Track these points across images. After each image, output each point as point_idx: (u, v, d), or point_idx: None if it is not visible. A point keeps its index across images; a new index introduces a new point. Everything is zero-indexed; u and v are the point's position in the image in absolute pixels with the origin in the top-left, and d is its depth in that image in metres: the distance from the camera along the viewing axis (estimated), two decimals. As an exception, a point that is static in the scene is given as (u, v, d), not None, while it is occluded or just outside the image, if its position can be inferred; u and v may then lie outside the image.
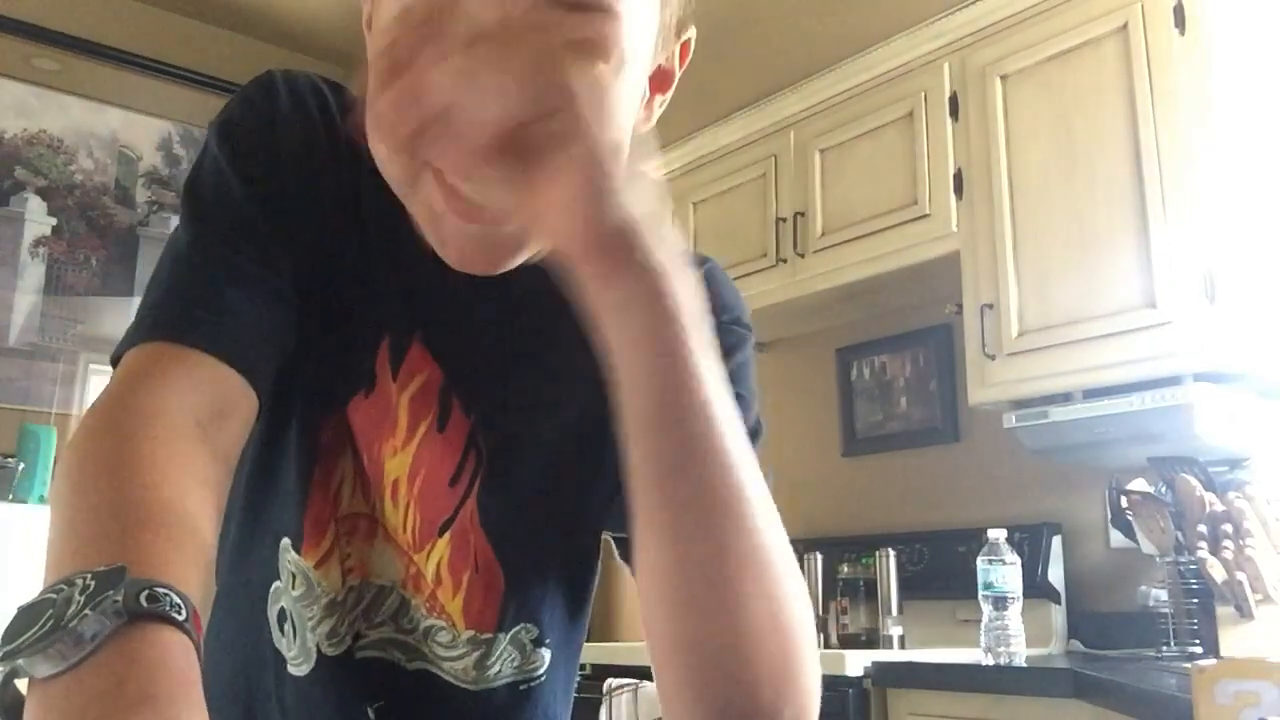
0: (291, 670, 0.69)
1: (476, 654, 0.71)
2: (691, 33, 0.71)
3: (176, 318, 0.59)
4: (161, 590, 0.44)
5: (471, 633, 0.71)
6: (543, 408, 0.71)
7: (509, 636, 0.72)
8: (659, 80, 0.69)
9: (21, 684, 0.43)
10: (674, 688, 0.56)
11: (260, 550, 0.70)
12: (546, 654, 0.74)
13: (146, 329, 0.59)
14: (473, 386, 0.69)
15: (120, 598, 0.42)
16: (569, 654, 0.79)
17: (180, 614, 0.44)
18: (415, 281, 0.67)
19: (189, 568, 0.47)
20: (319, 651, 0.68)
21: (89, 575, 0.43)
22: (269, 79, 0.68)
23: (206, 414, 0.55)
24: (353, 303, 0.67)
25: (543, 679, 0.75)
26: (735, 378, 0.69)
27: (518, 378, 0.69)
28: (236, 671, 0.71)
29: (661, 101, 0.70)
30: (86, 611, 0.41)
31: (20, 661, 0.41)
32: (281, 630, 0.69)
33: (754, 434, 0.72)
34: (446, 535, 0.69)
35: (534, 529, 0.71)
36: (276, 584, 0.69)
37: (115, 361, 0.59)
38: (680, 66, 0.71)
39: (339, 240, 0.66)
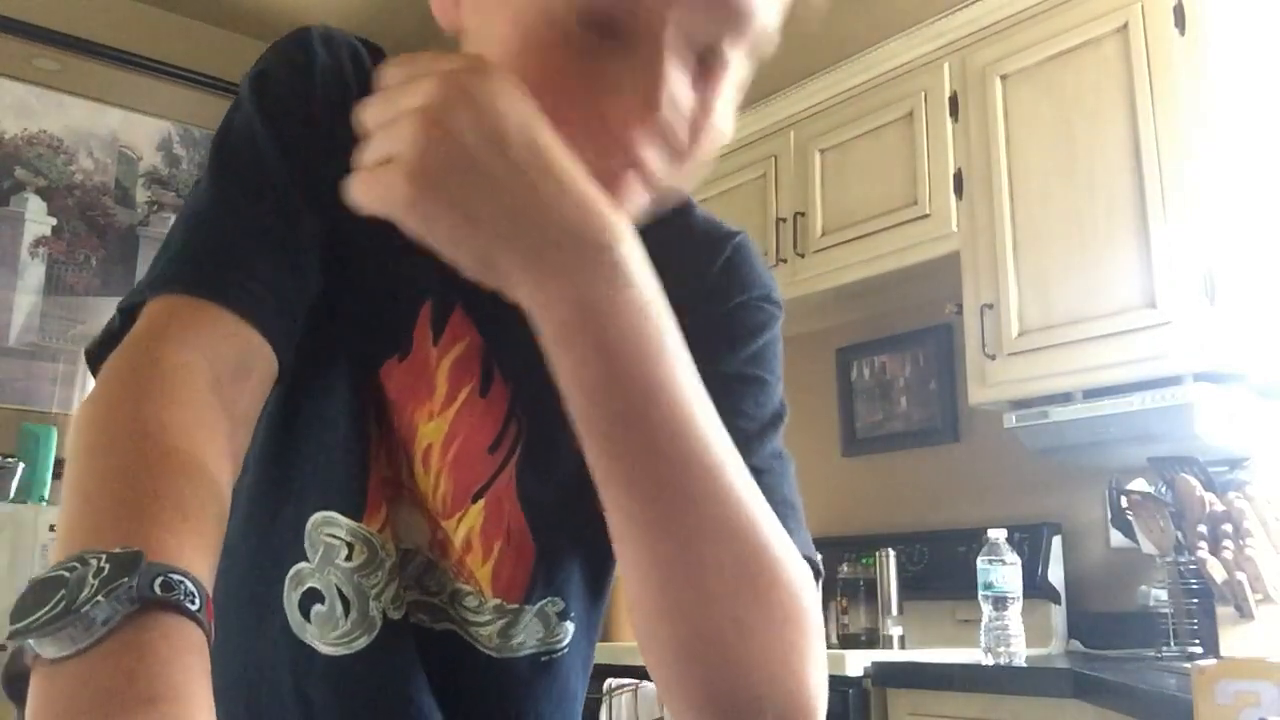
0: (331, 651, 0.66)
1: (502, 622, 0.70)
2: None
3: (202, 273, 0.57)
4: (176, 578, 0.43)
5: (498, 601, 0.70)
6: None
7: (535, 609, 0.71)
8: None
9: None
10: (662, 683, 0.56)
11: (275, 535, 0.67)
12: (570, 627, 0.73)
13: (169, 280, 0.57)
14: (515, 354, 0.66)
15: (135, 583, 0.41)
16: (590, 629, 0.77)
17: (194, 603, 0.43)
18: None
19: (205, 551, 0.46)
20: (384, 618, 0.66)
21: (104, 556, 0.42)
22: (306, 35, 0.66)
23: (228, 374, 0.54)
24: (390, 268, 0.65)
25: (565, 651, 0.73)
26: (759, 358, 0.72)
27: None
28: (237, 675, 0.68)
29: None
30: (99, 597, 0.40)
31: (30, 640, 0.40)
32: (308, 616, 0.66)
33: (777, 418, 0.72)
34: (481, 502, 0.68)
35: (569, 503, 0.69)
36: (298, 566, 0.66)
37: (129, 310, 0.57)
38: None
39: (364, 232, 0.63)
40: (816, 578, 0.65)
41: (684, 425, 0.51)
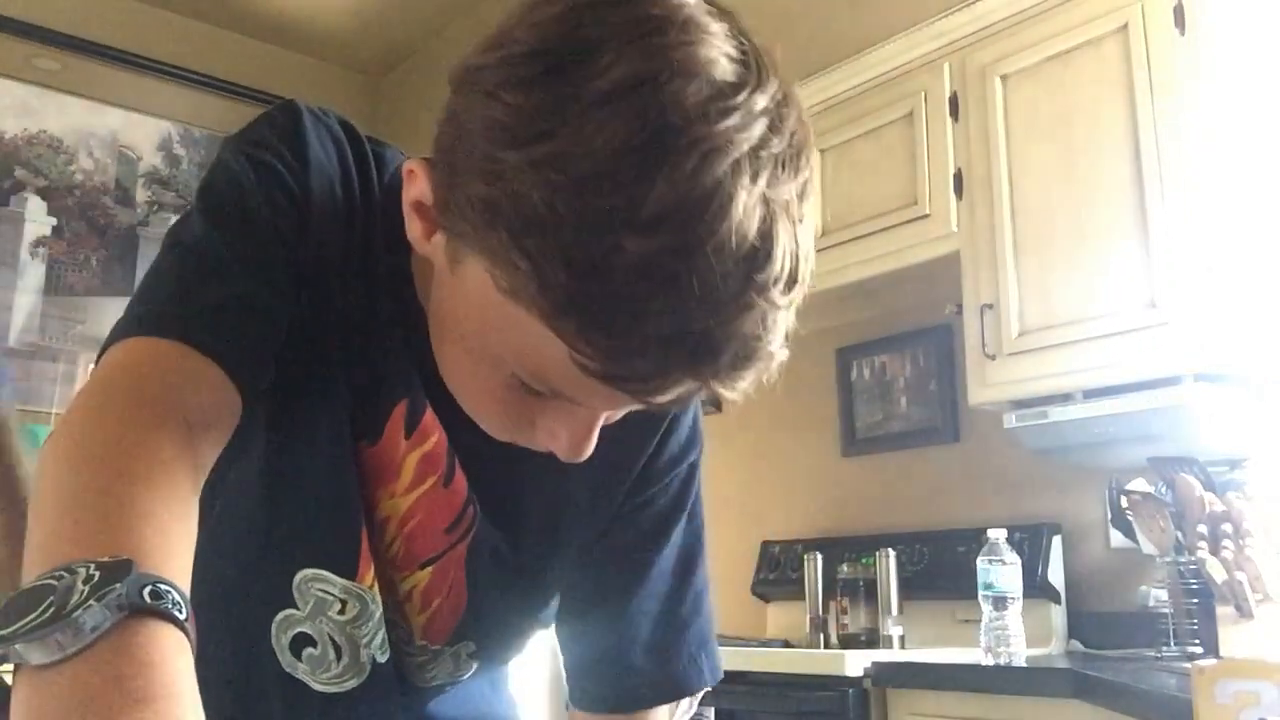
0: (323, 689, 0.74)
1: (421, 659, 0.79)
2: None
3: (185, 316, 0.60)
4: (164, 586, 0.44)
5: (424, 643, 0.79)
6: (536, 490, 0.78)
7: (450, 650, 0.80)
8: None
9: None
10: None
11: (261, 581, 0.74)
12: (475, 664, 0.83)
13: (153, 321, 0.60)
14: (477, 456, 0.74)
15: (125, 590, 0.42)
16: (503, 662, 0.91)
17: (180, 612, 0.44)
18: (428, 354, 0.69)
19: (183, 565, 0.49)
20: (373, 662, 0.74)
21: (93, 565, 0.43)
22: (297, 113, 0.70)
23: (199, 420, 0.57)
24: (373, 365, 0.71)
25: (465, 679, 0.84)
26: (677, 506, 0.86)
27: (518, 457, 0.70)
28: (224, 702, 0.72)
29: None
30: (91, 602, 0.41)
31: (17, 646, 0.40)
32: (299, 656, 0.73)
33: (696, 544, 0.86)
34: (430, 569, 0.76)
35: (511, 582, 0.80)
36: (287, 612, 0.73)
37: (108, 344, 0.60)
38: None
39: (348, 295, 0.69)
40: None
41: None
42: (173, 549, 0.48)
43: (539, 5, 0.55)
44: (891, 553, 2.58)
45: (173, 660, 0.43)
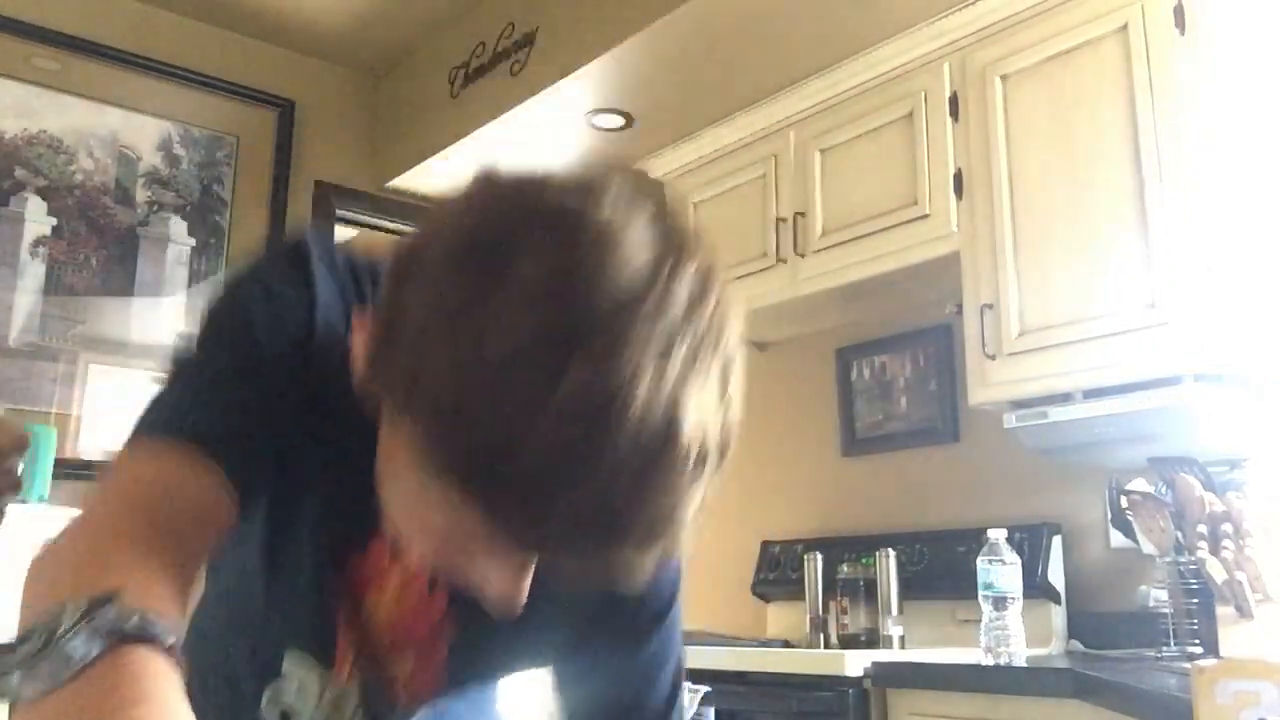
0: None
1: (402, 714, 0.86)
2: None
3: (187, 422, 0.65)
4: (151, 616, 0.45)
5: (411, 706, 0.85)
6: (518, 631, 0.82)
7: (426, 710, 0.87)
8: None
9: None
10: None
11: (259, 656, 0.80)
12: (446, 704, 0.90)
13: (160, 426, 0.65)
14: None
15: (111, 617, 0.43)
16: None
17: (168, 639, 0.45)
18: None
19: (178, 598, 0.52)
20: None
21: (81, 599, 0.44)
22: (306, 251, 0.74)
23: (212, 529, 0.64)
24: (357, 481, 0.72)
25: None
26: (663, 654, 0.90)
27: None
28: None
29: None
30: (77, 630, 0.42)
31: (13, 680, 0.41)
32: None
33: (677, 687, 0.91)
34: (411, 653, 0.83)
35: (487, 674, 0.91)
36: (277, 684, 0.78)
37: (145, 431, 0.65)
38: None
39: (346, 424, 0.71)
40: None
41: None
42: (158, 591, 0.50)
43: (476, 191, 0.60)
44: (891, 553, 2.58)
45: (159, 677, 0.44)
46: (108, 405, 2.89)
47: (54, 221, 2.95)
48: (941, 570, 2.61)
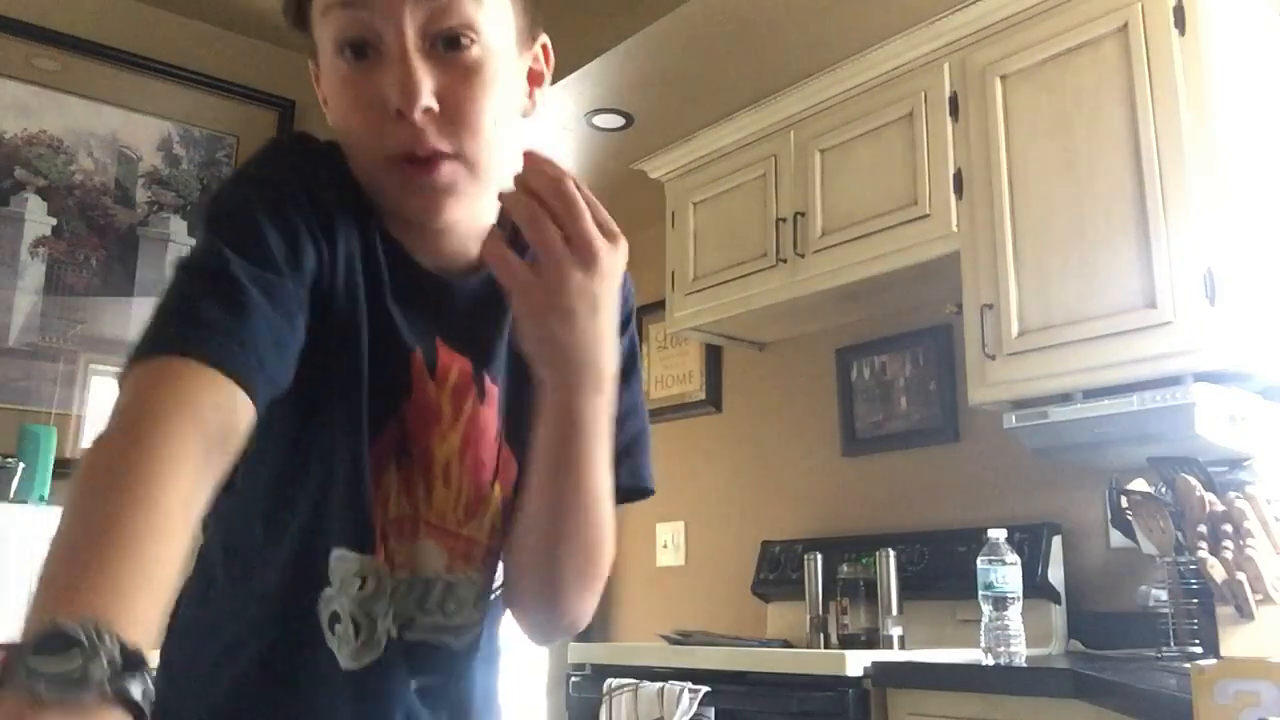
0: (347, 665, 0.79)
1: (475, 593, 0.87)
2: (545, 38, 0.91)
3: (205, 337, 0.66)
4: (150, 688, 0.51)
5: (478, 573, 0.87)
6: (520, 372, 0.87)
7: (493, 586, 0.89)
8: (534, 78, 0.90)
9: None
10: (518, 596, 0.89)
11: (307, 565, 0.79)
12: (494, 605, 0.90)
13: (174, 340, 0.66)
14: (490, 362, 0.87)
15: (129, 685, 0.50)
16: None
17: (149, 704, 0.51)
18: (423, 300, 0.84)
19: (157, 616, 0.56)
20: (389, 638, 0.80)
21: (117, 649, 0.50)
22: (293, 145, 0.84)
23: (217, 436, 0.64)
24: (377, 333, 0.80)
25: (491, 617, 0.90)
26: (634, 360, 0.96)
27: (512, 349, 0.86)
28: (265, 683, 0.78)
29: (540, 94, 0.91)
30: (106, 683, 0.48)
31: (39, 686, 0.47)
32: (333, 631, 0.78)
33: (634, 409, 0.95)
34: (497, 484, 0.87)
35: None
36: (327, 590, 0.79)
37: (133, 362, 0.66)
38: (548, 67, 0.92)
39: (356, 286, 0.80)
40: (647, 494, 0.95)
41: (599, 459, 0.81)
42: (148, 606, 0.55)
43: None
44: (891, 553, 2.57)
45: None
46: (108, 405, 2.89)
47: (54, 221, 2.95)
48: (941, 570, 2.61)
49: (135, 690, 0.50)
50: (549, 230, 0.73)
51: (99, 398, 2.91)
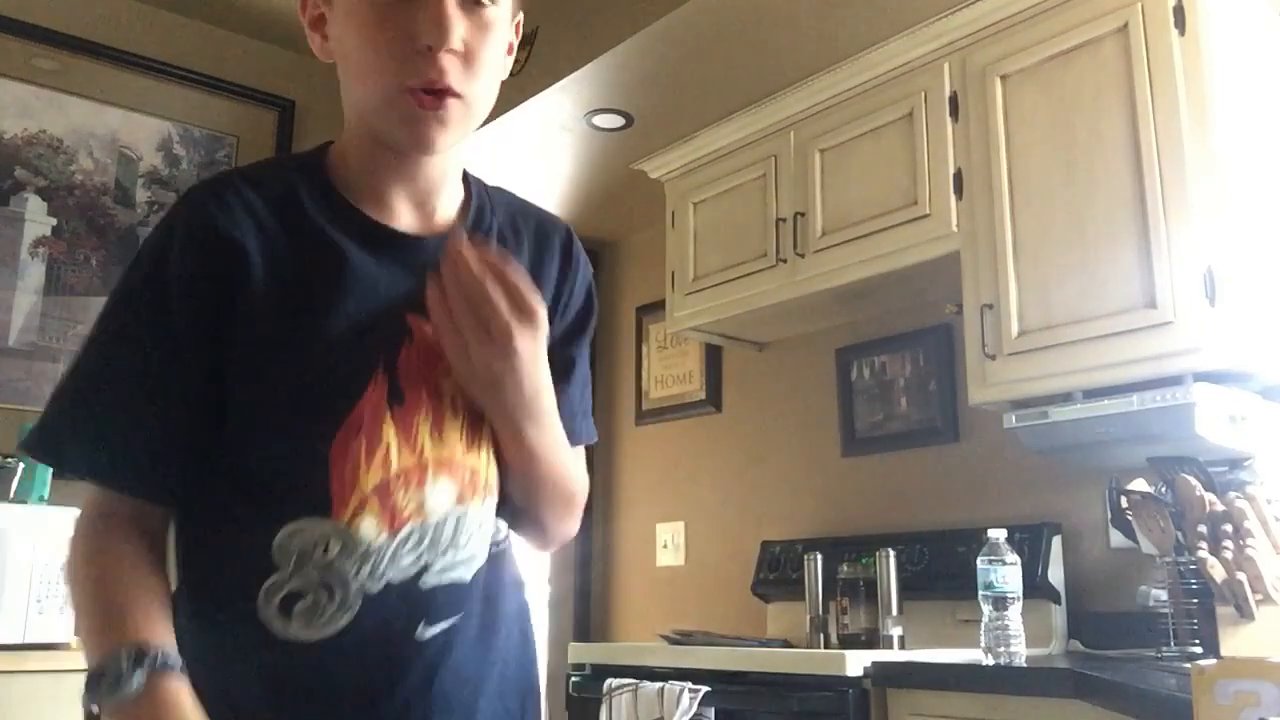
0: (319, 636, 0.84)
1: (487, 512, 0.94)
2: (520, 16, 1.03)
3: (101, 464, 0.88)
4: (168, 651, 0.80)
5: (492, 497, 0.94)
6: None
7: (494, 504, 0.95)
8: (509, 48, 1.00)
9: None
10: (521, 523, 1.01)
11: (243, 561, 0.86)
12: (504, 525, 0.97)
13: (78, 465, 0.90)
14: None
15: (149, 659, 0.78)
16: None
17: (179, 667, 0.80)
18: (405, 261, 0.93)
19: (168, 632, 0.83)
20: (364, 595, 0.84)
21: (129, 648, 0.79)
22: (190, 201, 0.92)
23: (147, 541, 0.87)
24: (364, 293, 0.90)
25: (505, 545, 0.98)
26: (587, 327, 1.08)
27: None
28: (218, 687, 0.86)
29: (508, 63, 1.00)
30: (134, 670, 0.77)
31: (104, 699, 0.78)
32: (290, 616, 0.84)
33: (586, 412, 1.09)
34: (486, 417, 0.93)
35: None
36: (272, 579, 0.84)
37: (34, 450, 0.92)
38: (516, 38, 1.02)
39: (324, 277, 0.90)
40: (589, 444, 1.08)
41: (550, 445, 0.96)
42: (156, 624, 0.82)
43: None
44: (891, 553, 2.57)
45: (183, 695, 0.79)
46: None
47: (54, 221, 2.95)
48: (941, 570, 2.61)
49: (146, 669, 0.78)
50: (465, 340, 0.87)
51: (99, 398, 2.90)
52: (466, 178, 1.03)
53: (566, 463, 0.99)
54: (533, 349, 0.88)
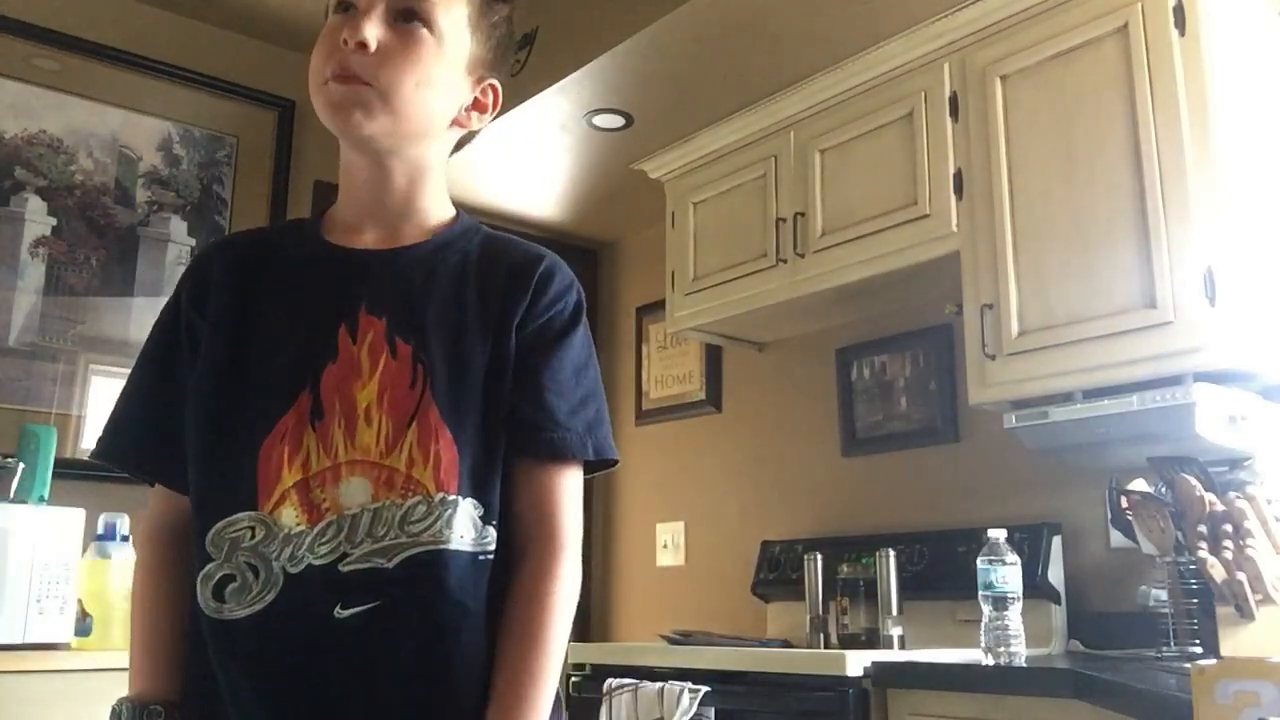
0: (248, 612, 0.94)
1: (447, 513, 0.96)
2: (497, 84, 1.14)
3: (125, 454, 1.09)
4: (155, 709, 0.98)
5: (441, 494, 0.97)
6: (451, 335, 1.02)
7: (466, 503, 0.97)
8: (478, 105, 1.13)
9: None
10: None
11: (190, 565, 1.01)
12: (493, 532, 0.99)
13: (101, 451, 1.09)
14: (405, 324, 1.01)
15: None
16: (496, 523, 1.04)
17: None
18: (348, 274, 1.04)
19: (175, 676, 1.01)
20: (285, 575, 0.94)
21: (129, 702, 0.99)
22: (208, 245, 1.18)
23: (178, 538, 1.04)
24: (304, 315, 1.02)
25: (493, 555, 0.99)
26: (569, 339, 1.08)
27: (433, 315, 1.03)
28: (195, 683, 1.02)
29: (478, 119, 1.13)
30: None
31: None
32: (223, 599, 0.95)
33: (589, 361, 1.11)
34: (414, 424, 0.98)
35: (467, 411, 1.00)
36: (207, 567, 0.96)
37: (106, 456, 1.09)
38: (493, 107, 1.14)
39: (274, 304, 1.04)
40: (612, 465, 1.08)
41: (549, 682, 0.99)
42: (157, 671, 1.02)
43: None
44: (891, 553, 2.58)
45: None
46: (108, 405, 2.89)
47: (54, 221, 2.95)
48: (941, 570, 2.61)
49: None
50: None
51: (99, 398, 2.90)
52: (460, 217, 1.13)
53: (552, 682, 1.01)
54: None
